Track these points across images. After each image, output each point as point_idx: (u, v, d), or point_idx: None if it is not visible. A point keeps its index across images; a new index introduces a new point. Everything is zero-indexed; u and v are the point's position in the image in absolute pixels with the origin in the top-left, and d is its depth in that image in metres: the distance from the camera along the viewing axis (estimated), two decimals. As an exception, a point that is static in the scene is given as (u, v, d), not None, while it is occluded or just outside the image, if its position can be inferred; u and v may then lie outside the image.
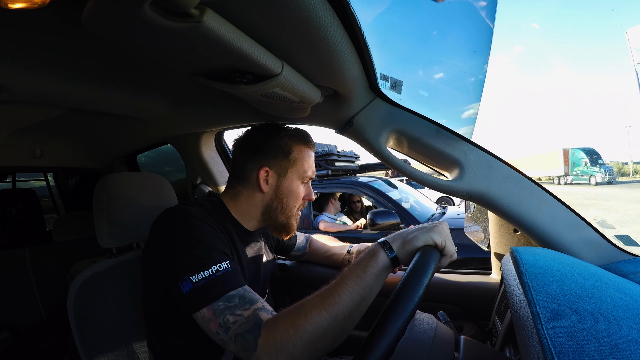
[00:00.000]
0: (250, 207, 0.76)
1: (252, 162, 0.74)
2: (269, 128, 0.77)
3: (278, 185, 0.75)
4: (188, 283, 0.55)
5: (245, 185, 0.75)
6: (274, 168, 0.74)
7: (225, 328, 0.53)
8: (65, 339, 1.53)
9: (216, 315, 0.54)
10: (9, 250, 1.67)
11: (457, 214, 2.83)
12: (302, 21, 0.45)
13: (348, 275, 0.54)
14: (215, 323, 0.54)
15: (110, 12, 0.38)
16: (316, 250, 1.10)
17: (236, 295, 0.56)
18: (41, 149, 1.38)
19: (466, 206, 1.19)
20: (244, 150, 0.76)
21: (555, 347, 0.33)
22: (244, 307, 0.54)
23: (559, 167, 22.04)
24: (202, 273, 0.56)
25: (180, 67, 0.56)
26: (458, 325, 0.94)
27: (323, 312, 0.50)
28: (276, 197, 0.75)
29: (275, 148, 0.73)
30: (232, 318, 0.53)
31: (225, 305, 0.54)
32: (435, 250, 0.55)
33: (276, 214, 0.76)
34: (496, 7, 0.76)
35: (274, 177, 0.74)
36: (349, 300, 0.51)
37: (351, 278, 0.53)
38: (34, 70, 0.68)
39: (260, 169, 0.73)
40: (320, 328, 0.49)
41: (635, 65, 24.64)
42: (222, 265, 0.57)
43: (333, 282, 0.54)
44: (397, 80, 0.78)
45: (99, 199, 0.79)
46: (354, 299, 0.51)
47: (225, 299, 0.55)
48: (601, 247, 0.72)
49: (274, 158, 0.73)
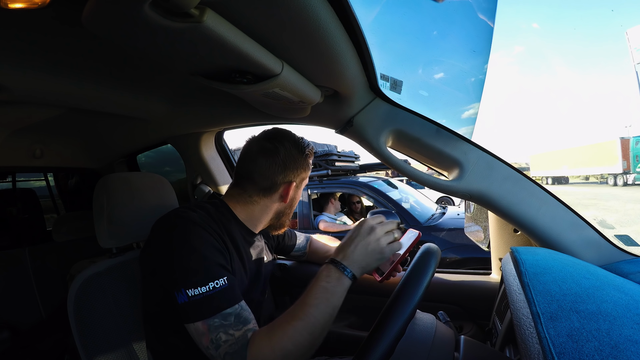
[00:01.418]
0: (263, 214, 0.78)
1: (282, 177, 0.74)
2: (298, 144, 0.76)
3: (294, 195, 0.79)
4: (183, 295, 0.56)
5: (267, 196, 0.75)
6: (296, 182, 0.77)
7: (216, 345, 0.55)
8: (65, 339, 1.53)
9: (210, 330, 0.55)
10: (9, 250, 1.66)
11: (457, 214, 2.83)
12: (302, 21, 0.45)
13: (317, 295, 0.58)
14: (208, 338, 0.55)
15: (110, 12, 0.38)
16: (316, 250, 1.10)
17: (232, 314, 0.57)
18: (41, 149, 1.38)
19: (466, 206, 1.19)
20: (272, 164, 0.73)
21: (556, 347, 0.33)
22: (237, 328, 0.56)
23: (616, 162, 16.39)
24: (199, 288, 0.56)
25: (180, 67, 0.56)
26: (458, 325, 0.94)
27: (302, 331, 0.54)
28: (289, 205, 0.80)
29: (303, 165, 0.77)
30: (225, 337, 0.55)
31: (221, 322, 0.56)
32: (435, 252, 0.54)
33: (284, 217, 0.81)
34: (496, 7, 0.76)
35: (294, 190, 0.78)
36: (321, 318, 0.56)
37: (322, 295, 0.58)
38: (34, 70, 0.68)
39: (289, 183, 0.75)
40: (299, 345, 0.54)
41: (635, 65, 24.58)
42: (219, 282, 0.58)
43: (302, 300, 0.58)
44: (397, 80, 0.78)
45: (99, 199, 0.79)
46: (327, 316, 0.56)
47: (222, 316, 0.56)
48: (601, 247, 0.72)
49: (300, 174, 0.77)
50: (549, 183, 22.86)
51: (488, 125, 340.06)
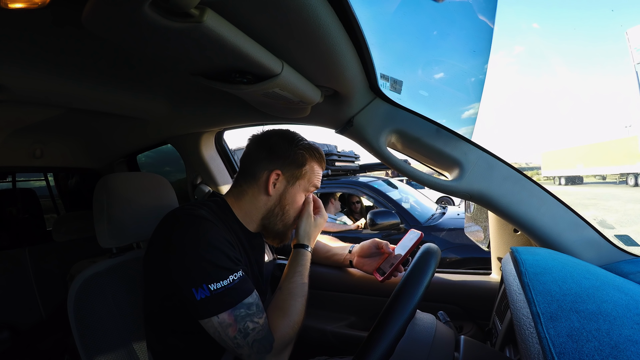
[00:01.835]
0: (252, 208, 0.76)
1: (266, 163, 0.74)
2: (290, 136, 0.77)
3: (284, 192, 0.76)
4: (205, 290, 0.57)
5: (252, 185, 0.75)
6: (285, 175, 0.75)
7: (245, 334, 0.58)
8: (65, 339, 1.53)
9: (237, 320, 0.58)
10: (9, 250, 1.67)
11: (457, 214, 2.83)
12: (302, 21, 0.45)
13: (294, 278, 0.73)
14: (235, 328, 0.58)
15: (110, 12, 0.38)
16: (317, 250, 1.10)
17: (253, 303, 0.61)
18: (41, 149, 1.38)
19: (466, 206, 1.19)
20: (260, 149, 0.75)
21: (555, 347, 0.33)
22: (260, 315, 0.61)
23: (637, 160, 14.80)
24: (222, 282, 0.58)
25: (180, 67, 0.56)
26: (458, 325, 0.93)
27: (299, 300, 0.69)
28: (279, 204, 0.76)
29: (292, 156, 0.75)
30: (252, 325, 0.59)
31: (247, 312, 0.59)
32: (435, 252, 0.53)
33: (275, 220, 0.77)
34: (496, 7, 0.76)
35: (282, 184, 0.75)
36: (305, 289, 0.72)
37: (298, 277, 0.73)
38: (34, 70, 0.68)
39: (272, 171, 0.73)
40: (300, 314, 0.67)
41: (635, 65, 24.52)
42: (237, 274, 0.61)
43: (286, 287, 0.71)
44: (397, 80, 0.78)
45: (99, 199, 0.79)
46: (305, 290, 0.72)
47: (245, 306, 0.60)
48: (601, 247, 0.72)
49: (288, 165, 0.75)
50: (562, 183, 20.77)
51: (488, 125, 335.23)
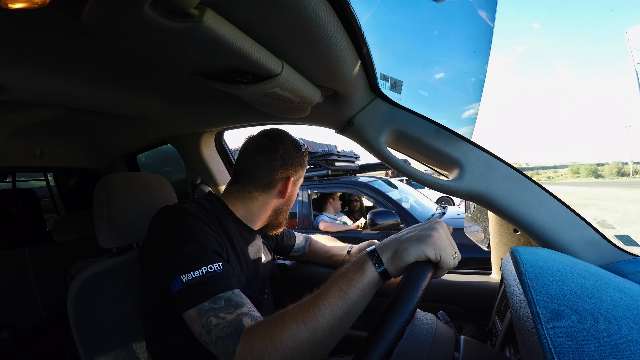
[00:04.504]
0: (262, 210, 0.80)
1: (281, 172, 0.77)
2: (296, 144, 0.81)
3: (292, 192, 0.82)
4: (178, 282, 0.55)
5: (265, 191, 0.78)
6: (294, 178, 0.80)
7: (208, 330, 0.53)
8: (65, 339, 1.53)
9: (200, 315, 0.54)
10: (9, 250, 1.67)
11: (457, 214, 2.83)
12: (302, 21, 0.45)
13: (331, 288, 0.49)
14: (199, 324, 0.53)
15: (110, 12, 0.38)
16: (316, 250, 1.10)
17: (222, 298, 0.55)
18: (41, 149, 1.38)
19: (466, 206, 1.19)
20: (272, 160, 0.76)
21: (555, 347, 0.33)
22: (228, 311, 0.53)
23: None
24: (192, 273, 0.56)
25: (180, 67, 0.56)
26: (458, 325, 0.94)
27: (301, 325, 0.47)
28: (286, 202, 0.82)
29: (300, 162, 0.81)
30: (215, 320, 0.53)
31: (210, 306, 0.54)
32: (428, 266, 0.48)
33: (282, 215, 0.84)
34: (496, 7, 0.76)
35: (292, 186, 0.80)
36: (330, 315, 0.47)
37: (334, 291, 0.49)
38: (34, 70, 0.68)
39: (287, 179, 0.78)
40: (297, 341, 0.47)
41: (635, 65, 24.50)
42: (213, 267, 0.57)
43: (315, 292, 0.51)
44: (397, 80, 0.78)
45: (99, 199, 0.79)
46: (335, 314, 0.47)
47: (212, 300, 0.54)
48: (601, 247, 0.72)
49: (297, 171, 0.81)
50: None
51: (488, 125, 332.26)
